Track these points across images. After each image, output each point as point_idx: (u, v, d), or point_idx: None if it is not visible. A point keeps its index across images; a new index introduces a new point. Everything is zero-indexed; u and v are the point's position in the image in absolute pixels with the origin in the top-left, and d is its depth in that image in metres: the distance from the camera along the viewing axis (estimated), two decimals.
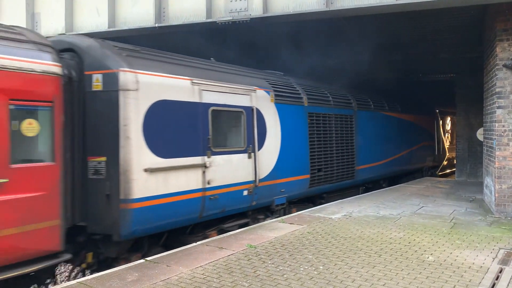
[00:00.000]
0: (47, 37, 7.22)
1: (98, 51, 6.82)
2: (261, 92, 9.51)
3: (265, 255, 6.54)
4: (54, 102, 5.82)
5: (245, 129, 8.88)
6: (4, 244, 5.17)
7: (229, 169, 8.32)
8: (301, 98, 11.09)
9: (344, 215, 9.61)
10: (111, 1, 11.60)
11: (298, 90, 11.16)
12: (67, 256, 6.02)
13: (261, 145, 9.29)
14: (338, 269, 5.91)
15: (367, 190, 14.64)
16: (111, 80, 6.56)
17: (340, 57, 15.39)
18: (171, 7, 10.92)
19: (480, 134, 16.25)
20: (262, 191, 9.24)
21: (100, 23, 11.78)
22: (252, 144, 8.99)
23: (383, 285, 5.32)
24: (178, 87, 7.42)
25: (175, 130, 7.31)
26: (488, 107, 11.04)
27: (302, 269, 5.90)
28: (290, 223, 8.72)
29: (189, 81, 7.63)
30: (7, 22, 9.00)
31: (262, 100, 9.48)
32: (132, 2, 11.39)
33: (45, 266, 5.69)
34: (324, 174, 11.64)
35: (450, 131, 30.16)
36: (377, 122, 15.22)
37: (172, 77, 7.36)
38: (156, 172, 6.85)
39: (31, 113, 5.73)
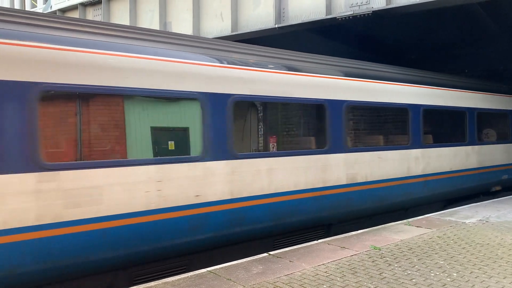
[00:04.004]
0: None
1: None
2: None
3: (391, 257, 6.23)
4: None
5: None
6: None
7: None
8: None
9: (480, 219, 8.72)
10: (233, 6, 12.16)
11: None
12: None
13: None
14: (475, 277, 5.37)
15: None
16: None
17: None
18: (291, 6, 11.06)
19: None
20: None
21: (224, 28, 12.42)
22: None
23: None
24: None
25: None
26: None
27: (432, 274, 5.49)
28: (418, 226, 8.19)
29: None
30: None
31: None
32: (253, 5, 11.80)
33: None
34: None
35: None
36: None
37: None
38: None
39: None
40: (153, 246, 5.64)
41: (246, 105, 7.03)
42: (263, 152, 6.95)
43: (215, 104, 6.20)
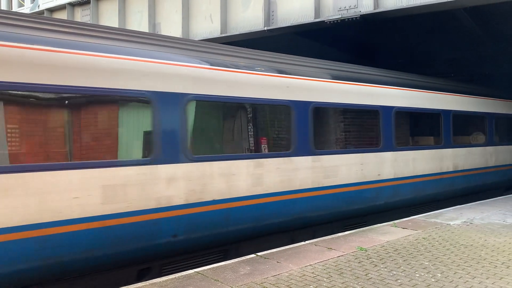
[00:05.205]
0: None
1: None
2: None
3: (376, 258, 6.31)
4: None
5: None
6: None
7: None
8: None
9: (464, 221, 8.87)
10: (223, 8, 12.18)
11: None
12: None
13: None
14: (459, 278, 5.47)
15: None
16: None
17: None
18: (280, 9, 11.13)
19: None
20: None
21: (213, 30, 12.44)
22: None
23: None
24: None
25: None
26: None
27: (417, 275, 5.57)
28: (403, 228, 8.30)
29: None
30: None
31: None
32: (242, 8, 11.85)
33: None
34: None
35: None
36: None
37: None
38: None
39: None
40: (352, 208, 8.54)
41: (401, 113, 9.81)
42: (409, 146, 10.02)
43: (387, 113, 9.24)
